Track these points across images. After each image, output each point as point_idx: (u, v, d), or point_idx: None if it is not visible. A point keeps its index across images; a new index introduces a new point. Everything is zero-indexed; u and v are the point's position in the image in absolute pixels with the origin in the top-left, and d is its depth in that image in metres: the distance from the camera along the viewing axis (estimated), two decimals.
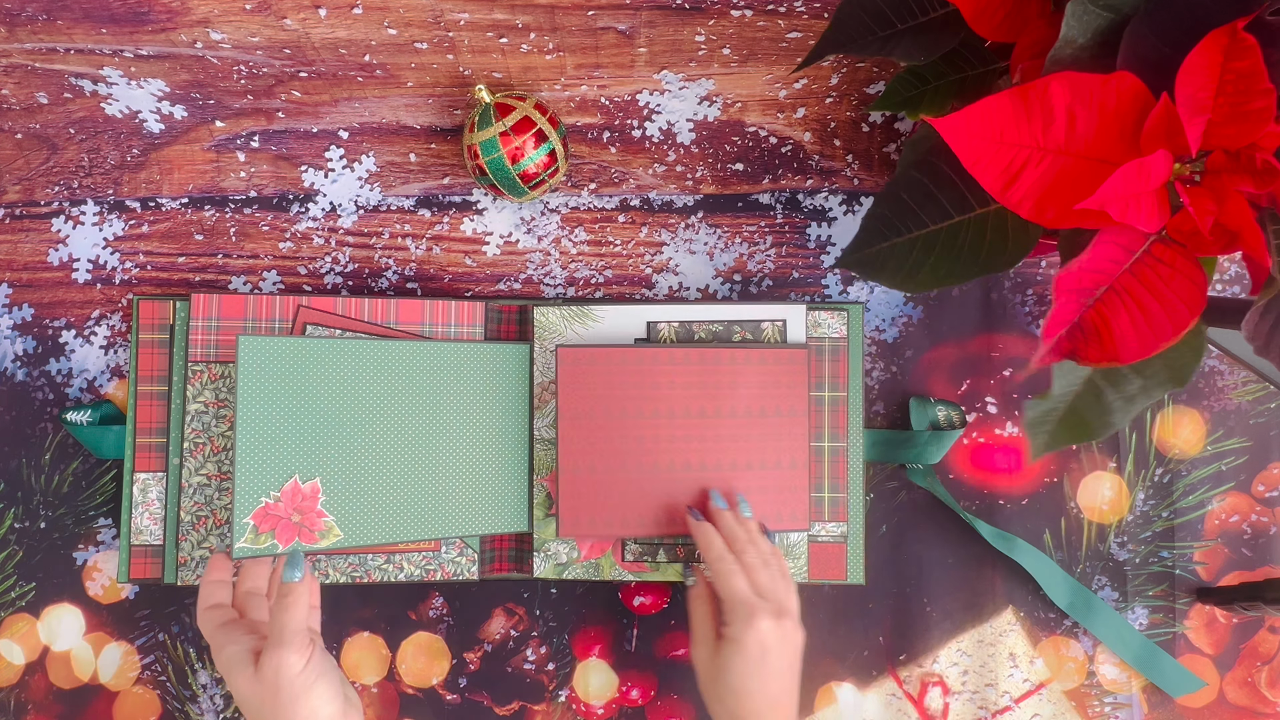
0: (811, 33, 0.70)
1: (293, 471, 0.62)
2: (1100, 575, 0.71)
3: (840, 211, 0.72)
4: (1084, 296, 0.40)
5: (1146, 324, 0.39)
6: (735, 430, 0.67)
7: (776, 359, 0.67)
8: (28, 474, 0.70)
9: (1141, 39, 0.40)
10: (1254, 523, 0.71)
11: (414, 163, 0.72)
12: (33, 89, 0.71)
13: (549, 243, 0.72)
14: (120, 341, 0.71)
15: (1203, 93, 0.37)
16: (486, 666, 0.70)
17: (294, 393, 0.62)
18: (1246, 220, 0.38)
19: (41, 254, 0.71)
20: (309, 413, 0.63)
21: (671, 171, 0.72)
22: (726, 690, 0.57)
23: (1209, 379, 0.72)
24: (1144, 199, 0.38)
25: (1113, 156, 0.39)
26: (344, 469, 0.63)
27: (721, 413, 0.67)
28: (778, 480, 0.67)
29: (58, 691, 0.69)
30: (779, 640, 0.57)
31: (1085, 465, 0.71)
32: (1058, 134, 0.39)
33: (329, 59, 0.70)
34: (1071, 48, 0.41)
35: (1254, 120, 0.37)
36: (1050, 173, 0.40)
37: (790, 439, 0.67)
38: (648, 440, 0.66)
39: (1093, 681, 0.70)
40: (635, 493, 0.66)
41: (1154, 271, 0.40)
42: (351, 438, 0.63)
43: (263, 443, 0.61)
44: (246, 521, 0.61)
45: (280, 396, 0.62)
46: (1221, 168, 0.39)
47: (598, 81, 0.71)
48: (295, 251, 0.71)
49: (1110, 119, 0.39)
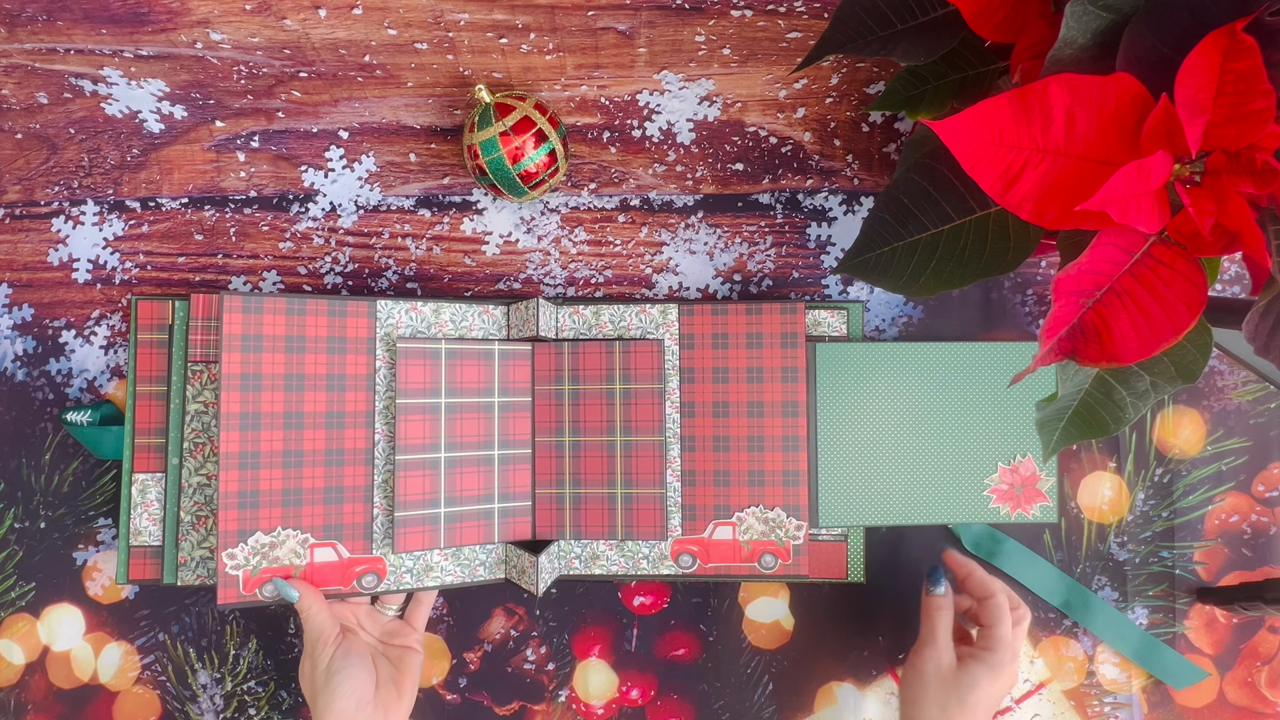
0: (811, 33, 0.70)
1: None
2: (1100, 575, 0.71)
3: (840, 211, 0.72)
4: (1083, 298, 0.40)
5: (1146, 325, 0.39)
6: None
7: None
8: (28, 474, 0.70)
9: (1141, 40, 0.40)
10: (1254, 523, 0.71)
11: (414, 163, 0.72)
12: (33, 89, 0.71)
13: (549, 242, 0.72)
14: (120, 341, 0.71)
15: (1202, 94, 0.37)
16: (486, 666, 0.70)
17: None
18: (1246, 221, 0.38)
19: (41, 254, 0.71)
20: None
21: (671, 171, 0.72)
22: (947, 700, 0.59)
23: (1209, 379, 0.72)
24: (1144, 200, 0.38)
25: (1112, 158, 0.39)
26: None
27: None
28: None
29: (58, 691, 0.69)
30: (1008, 689, 0.61)
31: (1085, 465, 0.71)
32: (1057, 135, 0.39)
33: (329, 59, 0.70)
34: (1071, 48, 0.41)
35: (1254, 121, 0.37)
36: (1050, 174, 0.40)
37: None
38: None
39: (1092, 681, 0.70)
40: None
41: (1154, 273, 0.40)
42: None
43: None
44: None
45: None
46: (1221, 168, 0.39)
47: (598, 81, 0.71)
48: (295, 251, 0.71)
49: (1110, 120, 0.39)
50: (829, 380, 0.69)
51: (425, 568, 0.66)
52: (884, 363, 0.69)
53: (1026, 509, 0.69)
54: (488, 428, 0.68)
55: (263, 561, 0.62)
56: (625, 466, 0.68)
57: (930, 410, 0.69)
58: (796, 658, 0.70)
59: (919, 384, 0.69)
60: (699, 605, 0.70)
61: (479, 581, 0.68)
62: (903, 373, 0.69)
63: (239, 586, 0.61)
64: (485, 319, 0.69)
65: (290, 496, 0.63)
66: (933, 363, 0.69)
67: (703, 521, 0.68)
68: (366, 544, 0.65)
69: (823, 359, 0.69)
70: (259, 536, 0.62)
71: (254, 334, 0.62)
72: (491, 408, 0.68)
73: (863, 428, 0.69)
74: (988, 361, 0.69)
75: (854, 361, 0.69)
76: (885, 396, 0.69)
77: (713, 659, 0.70)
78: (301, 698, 0.69)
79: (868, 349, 0.70)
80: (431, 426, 0.66)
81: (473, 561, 0.68)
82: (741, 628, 0.71)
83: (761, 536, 0.68)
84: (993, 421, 0.69)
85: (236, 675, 0.69)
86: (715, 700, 0.70)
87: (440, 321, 0.67)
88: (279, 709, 0.69)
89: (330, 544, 0.64)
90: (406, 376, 0.65)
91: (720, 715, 0.70)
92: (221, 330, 0.61)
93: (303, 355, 0.64)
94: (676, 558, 0.68)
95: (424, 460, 0.66)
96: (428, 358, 0.66)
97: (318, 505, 0.64)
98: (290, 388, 0.63)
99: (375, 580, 0.65)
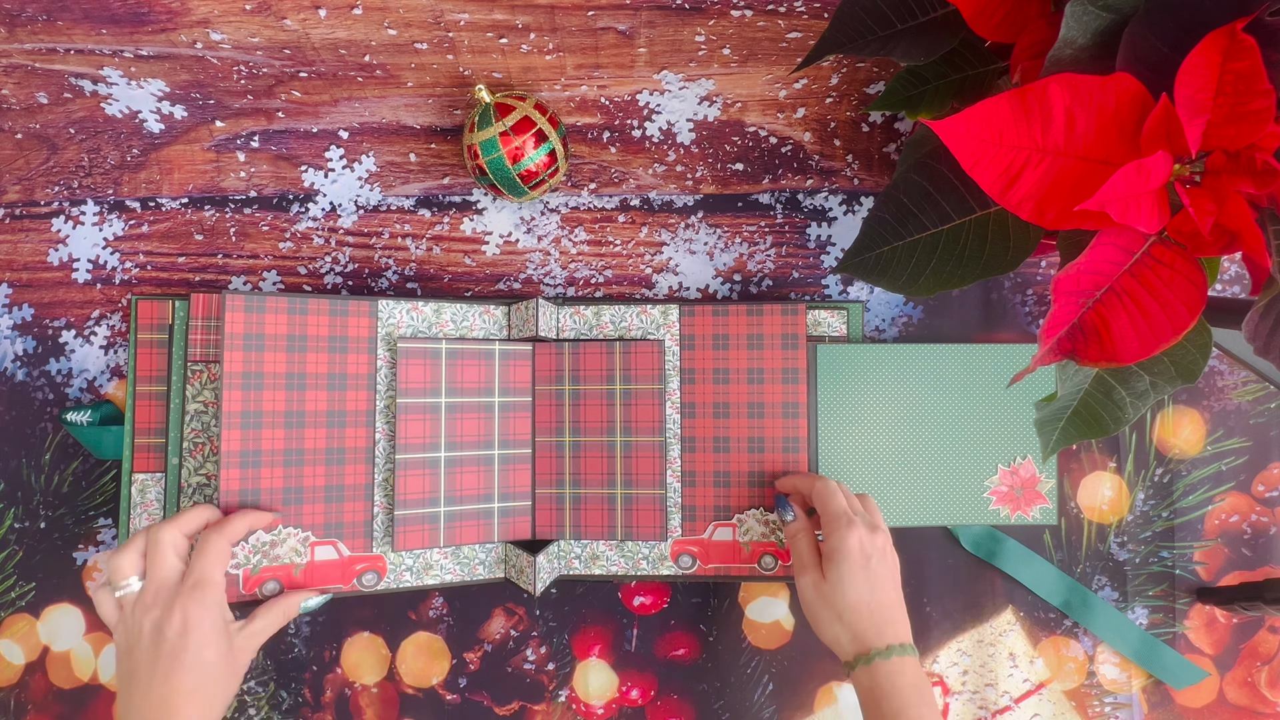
0: (811, 33, 0.70)
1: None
2: (1100, 575, 0.71)
3: (840, 211, 0.72)
4: (1083, 298, 0.40)
5: (1146, 325, 0.39)
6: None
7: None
8: (28, 474, 0.70)
9: (1141, 40, 0.40)
10: (1254, 523, 0.71)
11: (414, 163, 0.72)
12: (33, 89, 0.71)
13: (549, 242, 0.72)
14: (120, 341, 0.71)
15: (1202, 93, 0.37)
16: (486, 666, 0.70)
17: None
18: (1246, 221, 0.38)
19: (41, 254, 0.71)
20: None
21: (671, 171, 0.72)
22: (839, 606, 0.58)
23: (1209, 379, 0.72)
24: (1144, 200, 0.38)
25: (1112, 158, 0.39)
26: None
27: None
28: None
29: (58, 691, 0.69)
30: (880, 550, 0.59)
31: (1085, 465, 0.71)
32: (1057, 135, 0.39)
33: (329, 59, 0.70)
34: (1071, 48, 0.41)
35: (1254, 121, 0.37)
36: (1050, 174, 0.40)
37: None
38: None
39: (1093, 681, 0.70)
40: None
41: (1153, 273, 0.40)
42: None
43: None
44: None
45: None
46: (1221, 168, 0.39)
47: (598, 81, 0.71)
48: (295, 251, 0.71)
49: (1110, 120, 0.39)
50: (829, 381, 0.69)
51: (425, 566, 0.67)
52: (884, 364, 0.69)
53: (1026, 511, 0.69)
54: (488, 427, 0.68)
55: (263, 560, 0.62)
56: (625, 467, 0.68)
57: (930, 412, 0.69)
58: (796, 658, 0.70)
59: (919, 385, 0.69)
60: (699, 605, 0.70)
61: (478, 580, 0.68)
62: (903, 374, 0.69)
63: (239, 585, 0.61)
64: (486, 319, 0.69)
65: (291, 495, 0.63)
66: (933, 364, 0.69)
67: (703, 522, 0.68)
68: (366, 542, 0.65)
69: (823, 360, 0.69)
70: (260, 535, 0.62)
71: (255, 333, 0.62)
72: (492, 407, 0.68)
73: (863, 429, 0.69)
74: (988, 363, 0.69)
75: (854, 363, 0.69)
76: (885, 398, 0.69)
77: (713, 659, 0.70)
78: (302, 698, 0.69)
79: (868, 350, 0.70)
80: (432, 426, 0.66)
81: (472, 560, 0.68)
82: (741, 628, 0.71)
83: (762, 538, 0.68)
84: (993, 423, 0.69)
85: None
86: (715, 700, 0.70)
87: (441, 321, 0.67)
88: (279, 709, 0.69)
89: (330, 542, 0.64)
90: (407, 376, 0.65)
91: (720, 715, 0.70)
92: (223, 329, 0.61)
93: (304, 354, 0.64)
94: (676, 558, 0.68)
95: (424, 459, 0.66)
96: (428, 357, 0.66)
97: (318, 503, 0.64)
98: (291, 387, 0.63)
99: (375, 578, 0.65)
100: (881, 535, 0.60)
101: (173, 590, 0.55)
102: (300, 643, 0.69)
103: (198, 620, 0.54)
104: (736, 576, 0.68)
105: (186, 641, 0.54)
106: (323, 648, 0.69)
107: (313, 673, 0.69)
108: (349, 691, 0.69)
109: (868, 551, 0.59)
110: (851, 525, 0.59)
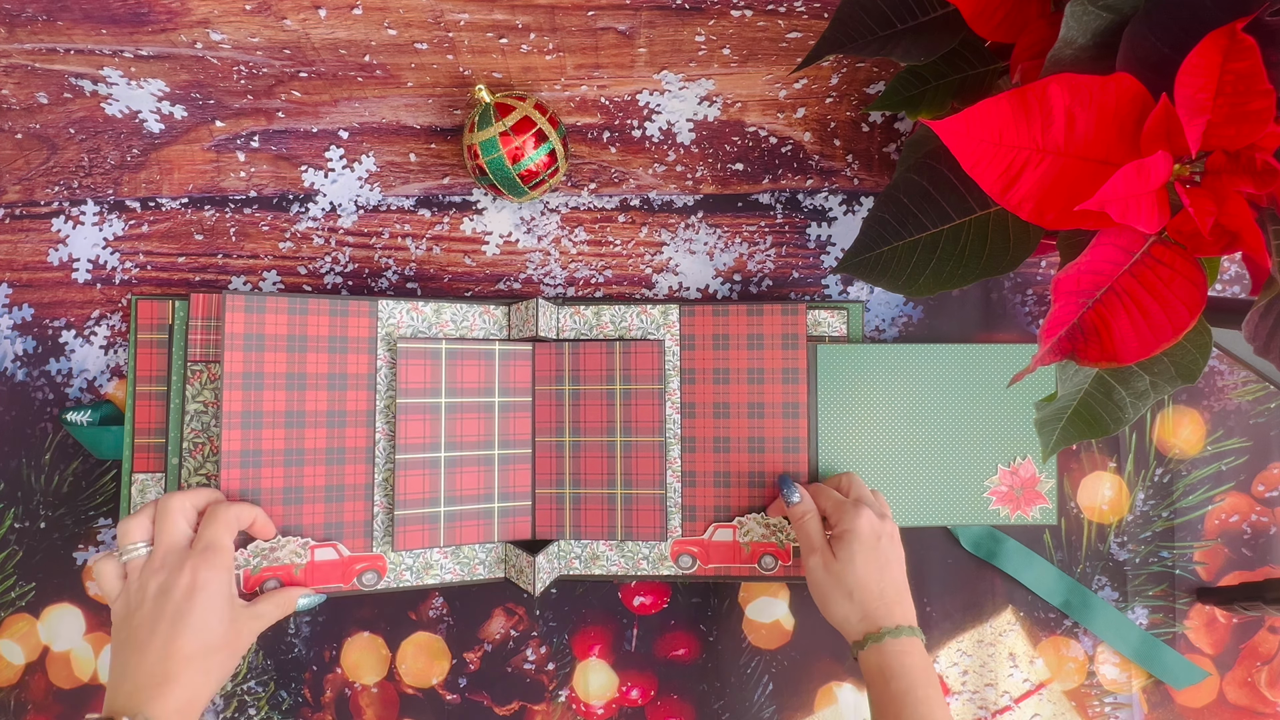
0: (811, 33, 0.70)
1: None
2: (1100, 575, 0.71)
3: (840, 211, 0.72)
4: (1083, 298, 0.40)
5: (1146, 325, 0.39)
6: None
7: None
8: (28, 474, 0.70)
9: (1141, 39, 0.40)
10: (1254, 523, 0.71)
11: (414, 163, 0.72)
12: (33, 89, 0.71)
13: (549, 242, 0.72)
14: (120, 341, 0.71)
15: (1202, 93, 0.37)
16: (486, 666, 0.70)
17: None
18: (1246, 221, 0.38)
19: (41, 254, 0.71)
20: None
21: (671, 171, 0.72)
22: (849, 584, 0.59)
23: (1209, 379, 0.72)
24: (1144, 200, 0.38)
25: (1112, 158, 0.39)
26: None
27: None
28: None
29: (58, 691, 0.69)
30: (889, 534, 0.61)
31: (1085, 465, 0.71)
32: (1057, 135, 0.39)
33: (329, 59, 0.70)
34: (1071, 48, 0.41)
35: (1254, 121, 0.37)
36: (1050, 174, 0.40)
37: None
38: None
39: (1093, 681, 0.70)
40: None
41: (1153, 273, 0.40)
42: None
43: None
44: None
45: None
46: (1221, 168, 0.39)
47: (598, 81, 0.71)
48: (295, 251, 0.71)
49: (1110, 120, 0.39)
50: (829, 381, 0.69)
51: (425, 566, 0.67)
52: (884, 364, 0.69)
53: (1026, 511, 0.69)
54: (488, 427, 0.68)
55: (263, 562, 0.62)
56: (625, 467, 0.68)
57: (930, 412, 0.69)
58: (796, 658, 0.70)
59: (919, 385, 0.69)
60: (699, 605, 0.70)
61: (478, 580, 0.68)
62: (903, 374, 0.69)
63: (240, 585, 0.61)
64: (486, 319, 0.69)
65: (291, 495, 0.63)
66: (933, 364, 0.69)
67: (703, 523, 0.68)
68: (367, 542, 0.65)
69: (823, 360, 0.69)
70: (259, 542, 0.62)
71: (256, 333, 0.62)
72: (492, 407, 0.68)
73: (863, 429, 0.69)
74: (988, 363, 0.69)
75: (854, 363, 0.69)
76: (885, 398, 0.69)
77: (713, 659, 0.70)
78: (302, 697, 0.69)
79: (868, 350, 0.70)
80: (432, 426, 0.66)
81: (472, 560, 0.68)
82: (741, 628, 0.71)
83: (762, 538, 0.68)
84: (993, 423, 0.69)
85: (236, 675, 0.69)
86: (715, 700, 0.70)
87: (441, 321, 0.67)
88: (279, 709, 0.69)
89: (331, 544, 0.64)
90: (407, 376, 0.65)
91: (720, 715, 0.70)
92: (224, 329, 0.61)
93: (304, 354, 0.64)
94: (676, 558, 0.68)
95: (424, 459, 0.66)
96: (428, 357, 0.66)
97: (318, 503, 0.64)
98: (291, 387, 0.63)
99: (375, 578, 0.65)
100: (889, 523, 0.61)
101: (182, 553, 0.55)
102: (300, 643, 0.69)
103: (205, 581, 0.54)
104: (736, 577, 0.68)
105: (193, 603, 0.53)
106: (323, 648, 0.69)
107: (313, 673, 0.69)
108: (349, 691, 0.69)
109: (878, 532, 0.60)
110: (861, 508, 0.61)
